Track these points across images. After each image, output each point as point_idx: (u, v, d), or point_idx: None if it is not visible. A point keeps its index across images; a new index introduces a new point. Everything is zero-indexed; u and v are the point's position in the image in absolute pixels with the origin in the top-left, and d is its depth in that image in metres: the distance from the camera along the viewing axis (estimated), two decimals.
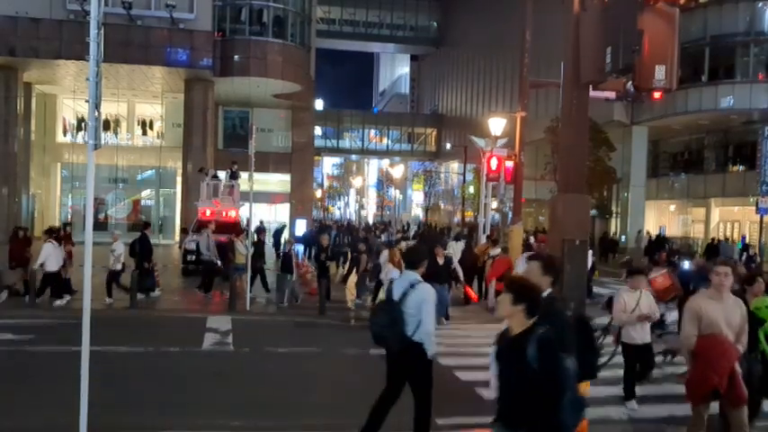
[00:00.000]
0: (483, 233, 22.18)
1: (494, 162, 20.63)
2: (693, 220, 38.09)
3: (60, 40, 27.42)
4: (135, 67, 28.99)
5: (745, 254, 26.20)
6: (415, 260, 6.13)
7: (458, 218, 52.38)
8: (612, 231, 39.51)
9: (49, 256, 14.38)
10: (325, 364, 10.35)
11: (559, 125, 7.40)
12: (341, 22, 65.84)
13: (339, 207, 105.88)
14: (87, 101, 5.58)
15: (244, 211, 22.29)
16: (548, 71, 27.41)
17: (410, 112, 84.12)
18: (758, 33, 31.75)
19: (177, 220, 32.81)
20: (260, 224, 25.82)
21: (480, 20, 55.27)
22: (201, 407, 7.85)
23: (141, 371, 9.38)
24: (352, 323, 14.15)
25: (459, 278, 15.68)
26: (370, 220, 76.82)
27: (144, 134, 37.47)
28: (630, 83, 6.61)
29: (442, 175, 66.18)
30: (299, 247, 22.39)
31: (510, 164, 20.01)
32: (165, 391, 8.40)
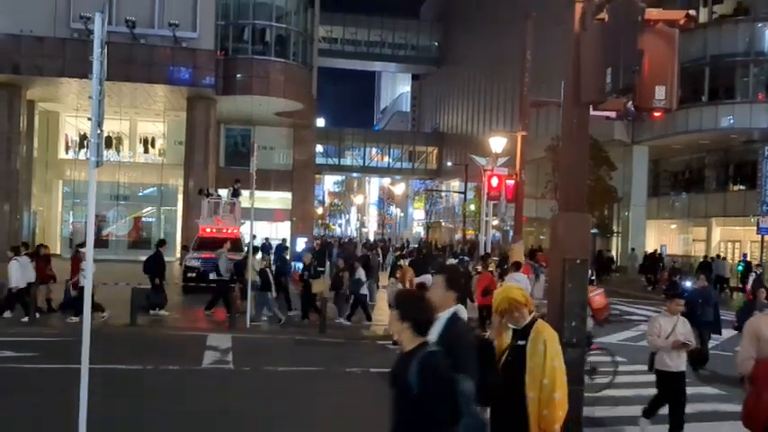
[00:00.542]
0: (483, 251, 22.15)
1: (494, 180, 20.65)
2: (694, 240, 38.05)
3: (64, 59, 27.61)
4: (138, 85, 29.17)
5: (754, 273, 25.98)
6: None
7: (459, 236, 52.36)
8: (615, 250, 39.48)
9: (15, 273, 14.43)
10: (325, 383, 10.30)
11: (560, 144, 7.42)
12: (343, 42, 66.26)
13: (340, 225, 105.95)
14: (90, 118, 5.61)
15: (245, 229, 22.29)
16: (548, 90, 27.53)
17: (411, 130, 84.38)
18: (758, 54, 31.91)
19: (178, 237, 32.84)
20: (282, 242, 26.24)
21: (481, 40, 55.60)
22: (200, 425, 7.80)
23: (140, 388, 9.34)
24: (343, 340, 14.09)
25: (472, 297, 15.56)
26: (371, 237, 76.81)
27: (146, 151, 37.61)
28: (631, 103, 6.61)
29: (443, 194, 66.24)
30: (298, 265, 22.35)
31: (511, 182, 20.02)
32: (165, 407, 8.36)
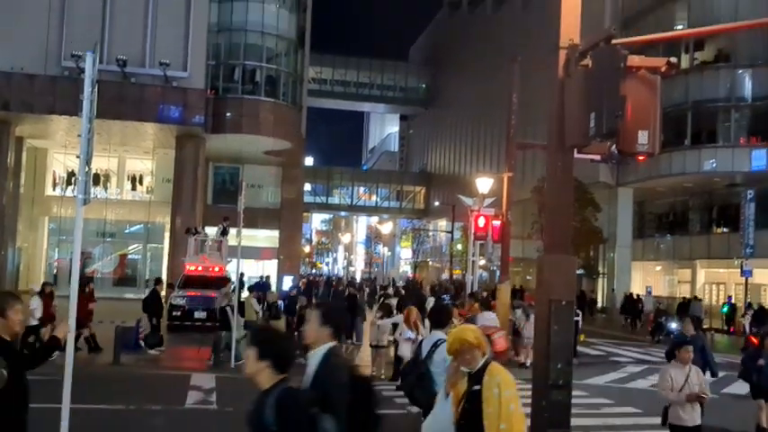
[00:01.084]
0: (470, 290, 22.14)
1: (481, 221, 20.78)
2: (679, 281, 38.22)
3: (54, 96, 27.73)
4: (127, 123, 29.30)
5: (751, 311, 25.99)
6: (441, 320, 6.36)
7: (446, 275, 52.32)
8: (601, 291, 39.57)
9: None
10: None
11: (545, 186, 7.52)
12: (332, 83, 67.00)
13: (327, 263, 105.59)
14: (78, 156, 5.64)
15: (231, 267, 22.20)
16: (534, 132, 27.93)
17: (399, 170, 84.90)
18: (738, 99, 32.55)
19: (164, 275, 32.59)
20: (293, 282, 26.09)
21: (468, 82, 56.42)
22: None
23: (123, 429, 9.18)
24: None
25: None
26: (359, 276, 76.54)
27: (133, 189, 37.56)
28: (614, 146, 6.73)
29: (431, 233, 66.36)
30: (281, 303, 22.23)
31: (497, 223, 20.15)
32: None
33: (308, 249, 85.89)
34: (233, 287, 16.66)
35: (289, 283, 33.35)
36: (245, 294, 18.06)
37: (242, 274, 17.14)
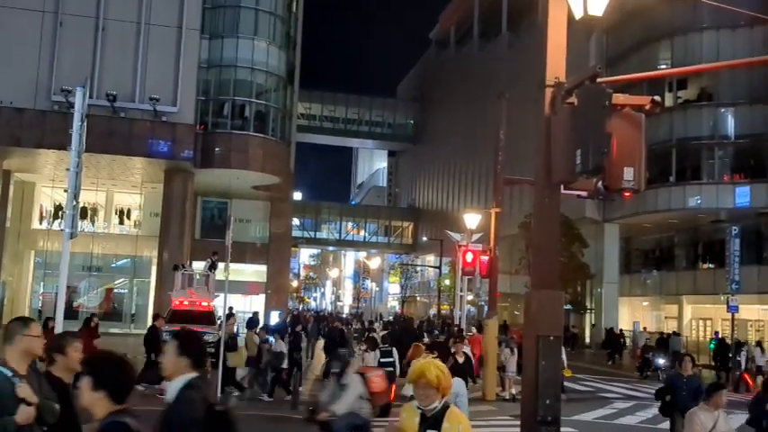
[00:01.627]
0: (458, 326, 22.07)
1: (469, 256, 20.84)
2: (666, 317, 38.30)
3: (43, 130, 27.72)
4: (116, 157, 29.30)
5: (745, 347, 25.86)
6: (441, 357, 6.35)
7: (434, 310, 52.15)
8: (588, 327, 39.54)
9: None
10: None
11: (532, 222, 7.59)
12: (321, 118, 67.49)
13: (315, 298, 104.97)
14: (66, 190, 5.66)
15: (218, 302, 22.04)
16: (522, 168, 28.15)
17: (387, 205, 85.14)
18: (722, 137, 33.07)
19: (150, 309, 32.30)
20: (280, 318, 25.92)
21: (456, 119, 57.00)
22: None
23: None
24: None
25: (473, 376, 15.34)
26: (346, 311, 76.08)
27: (121, 223, 37.39)
28: (601, 183, 6.80)
29: (419, 268, 66.32)
30: (271, 338, 22.02)
31: (485, 258, 20.21)
32: None
33: (295, 284, 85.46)
34: (219, 323, 16.53)
35: (276, 318, 33.08)
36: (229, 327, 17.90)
37: (230, 308, 16.99)
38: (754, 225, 32.07)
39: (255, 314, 29.31)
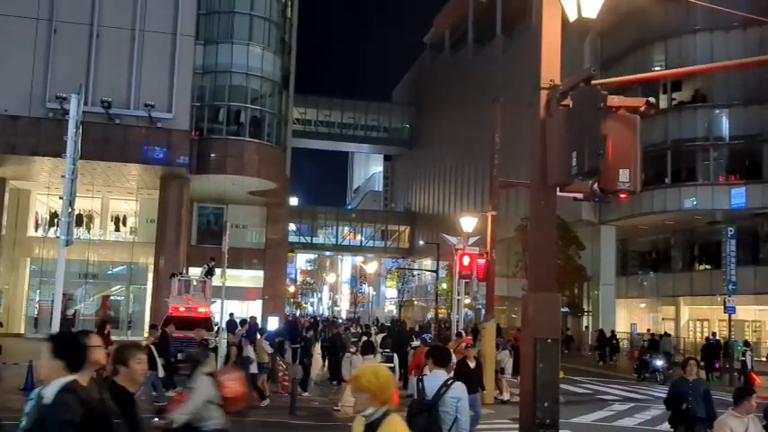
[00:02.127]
0: (456, 330, 22.03)
1: (466, 259, 20.81)
2: (663, 318, 38.33)
3: (38, 138, 27.66)
4: (111, 164, 29.25)
5: (750, 348, 25.89)
6: (443, 359, 6.42)
7: (431, 314, 52.10)
8: (586, 328, 39.54)
9: None
10: None
11: (529, 225, 7.58)
12: (317, 123, 67.47)
13: (312, 303, 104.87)
14: (61, 197, 5.64)
15: (215, 308, 21.98)
16: (518, 171, 28.21)
17: (384, 209, 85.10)
18: (716, 138, 33.15)
19: (147, 316, 32.19)
20: (279, 323, 25.98)
21: (451, 122, 57.05)
22: None
23: None
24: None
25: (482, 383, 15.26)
26: (344, 315, 75.95)
27: (117, 230, 37.30)
28: (596, 185, 6.79)
29: (415, 272, 66.27)
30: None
31: (482, 261, 20.19)
32: None
33: (292, 289, 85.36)
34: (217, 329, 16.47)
35: (275, 323, 32.99)
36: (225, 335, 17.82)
37: (231, 315, 16.95)
38: (750, 226, 32.15)
39: (253, 319, 29.15)
